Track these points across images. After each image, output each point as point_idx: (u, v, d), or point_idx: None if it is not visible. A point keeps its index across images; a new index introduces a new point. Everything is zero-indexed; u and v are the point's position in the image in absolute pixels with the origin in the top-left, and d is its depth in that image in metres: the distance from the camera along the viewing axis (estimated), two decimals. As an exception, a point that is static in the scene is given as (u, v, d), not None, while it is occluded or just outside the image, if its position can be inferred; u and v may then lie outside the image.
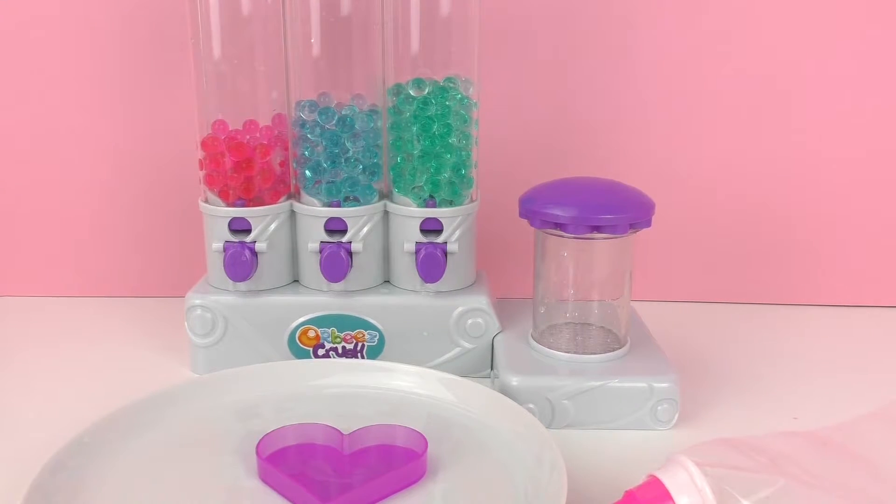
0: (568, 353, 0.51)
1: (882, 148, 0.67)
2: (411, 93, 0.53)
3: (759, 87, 0.66)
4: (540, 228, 0.49)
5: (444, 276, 0.54)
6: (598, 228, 0.47)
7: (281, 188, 0.56)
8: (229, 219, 0.54)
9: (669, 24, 0.65)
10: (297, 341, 0.55)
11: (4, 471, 0.43)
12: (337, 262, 0.53)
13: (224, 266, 0.54)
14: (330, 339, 0.55)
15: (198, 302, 0.55)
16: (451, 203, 0.55)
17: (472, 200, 0.56)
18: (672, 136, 0.68)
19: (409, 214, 0.54)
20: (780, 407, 0.52)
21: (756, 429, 0.38)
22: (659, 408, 0.48)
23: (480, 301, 0.55)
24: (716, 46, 0.66)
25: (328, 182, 0.54)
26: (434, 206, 0.54)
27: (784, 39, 0.65)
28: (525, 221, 0.50)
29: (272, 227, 0.55)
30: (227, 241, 0.54)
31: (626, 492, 0.33)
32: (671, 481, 0.32)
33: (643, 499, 0.33)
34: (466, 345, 0.55)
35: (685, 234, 0.70)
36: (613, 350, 0.51)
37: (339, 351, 0.55)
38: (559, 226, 0.48)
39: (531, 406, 0.48)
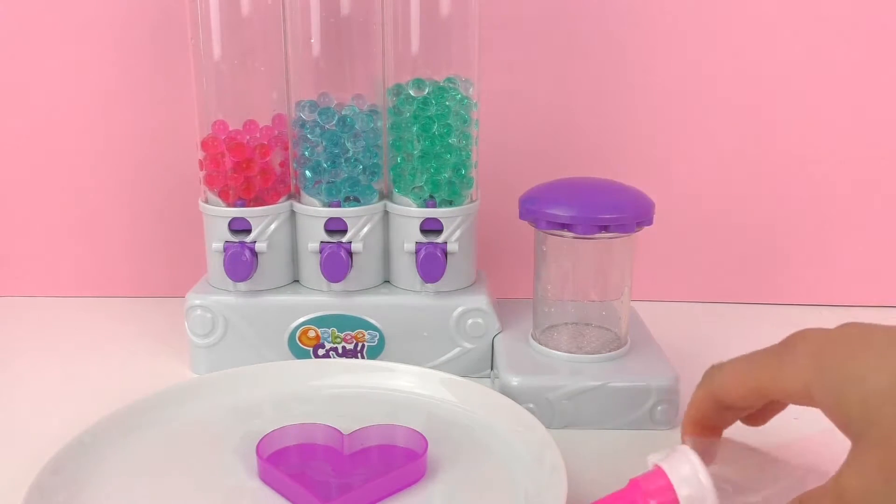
0: (568, 353, 0.51)
1: (882, 148, 0.67)
2: (411, 93, 0.53)
3: (759, 87, 0.66)
4: (545, 230, 0.49)
5: (444, 276, 0.54)
6: (605, 228, 0.47)
7: (281, 188, 0.56)
8: (229, 219, 0.54)
9: (669, 24, 0.65)
10: (297, 341, 0.55)
11: (4, 471, 0.43)
12: (337, 262, 0.53)
13: (224, 266, 0.54)
14: (330, 339, 0.55)
15: (198, 302, 0.54)
16: (451, 203, 0.55)
17: (472, 200, 0.56)
18: (671, 136, 0.68)
19: (409, 214, 0.54)
20: (780, 407, 0.52)
21: (756, 429, 0.38)
22: (658, 408, 0.48)
23: (480, 301, 0.55)
24: (716, 46, 0.66)
25: (328, 182, 0.54)
26: (434, 206, 0.54)
27: (784, 40, 0.65)
28: (525, 221, 0.50)
29: (272, 227, 0.55)
30: (227, 241, 0.54)
31: (631, 480, 0.34)
32: (675, 473, 0.33)
33: (646, 488, 0.33)
34: (466, 345, 0.55)
35: (685, 234, 0.70)
36: (613, 350, 0.51)
37: (339, 351, 0.55)
38: (566, 226, 0.47)
39: (531, 406, 0.48)
